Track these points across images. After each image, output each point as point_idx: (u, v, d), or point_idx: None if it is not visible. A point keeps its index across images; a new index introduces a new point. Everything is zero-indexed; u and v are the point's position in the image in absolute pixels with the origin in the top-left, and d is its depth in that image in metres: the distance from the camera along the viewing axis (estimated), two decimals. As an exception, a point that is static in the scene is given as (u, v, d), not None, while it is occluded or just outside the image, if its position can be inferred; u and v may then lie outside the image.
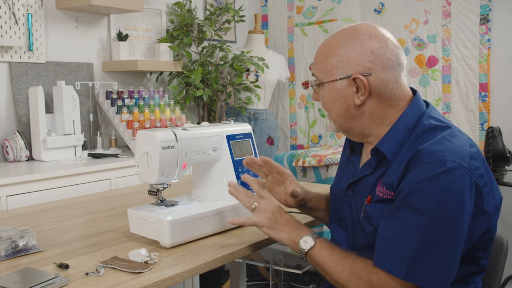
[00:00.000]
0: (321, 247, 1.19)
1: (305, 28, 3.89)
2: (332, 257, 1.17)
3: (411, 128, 1.18)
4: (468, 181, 1.06)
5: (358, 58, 1.18)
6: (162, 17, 3.29)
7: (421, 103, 1.23)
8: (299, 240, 1.22)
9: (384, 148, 1.20)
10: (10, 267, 1.17)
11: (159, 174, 1.33)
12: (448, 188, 1.04)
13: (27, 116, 2.53)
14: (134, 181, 2.43)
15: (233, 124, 1.59)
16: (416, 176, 1.08)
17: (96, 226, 1.52)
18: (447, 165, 1.05)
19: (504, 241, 1.34)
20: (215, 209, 1.41)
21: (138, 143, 1.37)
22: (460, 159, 1.06)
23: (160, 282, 1.09)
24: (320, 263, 1.18)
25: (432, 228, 1.04)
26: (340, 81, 1.20)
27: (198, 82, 3.14)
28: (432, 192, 1.04)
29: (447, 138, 1.12)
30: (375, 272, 1.10)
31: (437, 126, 1.17)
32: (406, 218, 1.07)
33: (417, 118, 1.19)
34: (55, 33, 2.73)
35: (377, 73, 1.18)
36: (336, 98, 1.21)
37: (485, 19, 3.16)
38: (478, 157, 1.11)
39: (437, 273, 1.05)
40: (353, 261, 1.14)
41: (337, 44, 1.21)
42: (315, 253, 1.19)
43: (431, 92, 3.38)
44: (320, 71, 1.23)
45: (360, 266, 1.13)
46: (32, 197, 2.06)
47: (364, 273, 1.11)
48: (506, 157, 2.87)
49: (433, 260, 1.04)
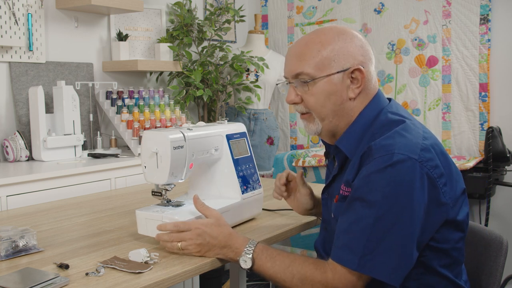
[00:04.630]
0: (261, 261, 1.19)
1: (305, 28, 3.89)
2: (276, 268, 1.17)
3: (369, 125, 1.21)
4: (419, 173, 1.06)
5: (353, 51, 1.21)
6: (162, 17, 3.29)
7: (381, 100, 1.25)
8: (239, 260, 1.21)
9: (343, 146, 1.22)
10: (10, 267, 1.17)
11: (169, 174, 1.33)
12: (396, 180, 1.06)
13: (27, 116, 2.53)
14: (134, 181, 2.43)
15: (229, 124, 1.59)
16: (366, 170, 1.10)
17: (96, 226, 1.52)
18: (395, 158, 1.06)
19: (504, 241, 1.33)
20: (221, 208, 1.41)
21: (145, 143, 1.36)
22: (409, 151, 1.08)
23: (160, 282, 1.09)
24: (267, 276, 1.19)
25: (381, 219, 1.06)
26: (337, 75, 1.20)
27: (198, 82, 3.14)
28: (380, 184, 1.06)
29: (400, 132, 1.13)
30: (330, 268, 1.10)
31: (393, 121, 1.18)
32: (357, 211, 1.09)
33: (375, 115, 1.21)
34: (55, 33, 2.73)
35: (367, 66, 1.22)
36: (332, 92, 1.21)
37: (485, 19, 3.16)
38: (433, 149, 1.12)
39: (388, 264, 1.06)
40: (301, 265, 1.14)
41: (328, 39, 1.21)
42: (258, 269, 1.20)
43: (431, 92, 3.38)
44: (313, 66, 1.20)
45: (310, 268, 1.13)
46: (32, 197, 2.06)
47: (316, 273, 1.11)
48: (506, 157, 2.87)
49: (384, 251, 1.05)
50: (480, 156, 3.16)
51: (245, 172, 1.53)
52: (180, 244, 1.23)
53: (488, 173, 2.84)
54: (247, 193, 1.51)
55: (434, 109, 3.37)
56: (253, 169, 1.57)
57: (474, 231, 1.40)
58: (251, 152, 1.59)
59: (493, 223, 3.09)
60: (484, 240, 1.37)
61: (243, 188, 1.50)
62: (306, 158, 3.23)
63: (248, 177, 1.54)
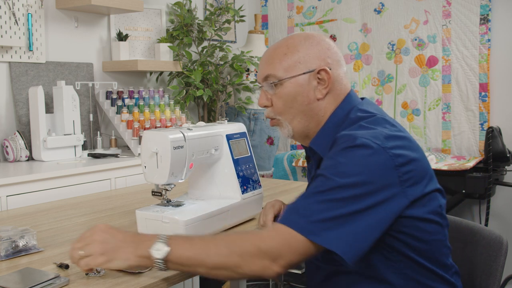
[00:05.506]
0: (177, 244, 1.05)
1: (305, 28, 3.89)
2: (196, 246, 1.05)
3: (340, 124, 1.23)
4: (382, 158, 1.06)
5: (319, 54, 1.24)
6: (162, 17, 3.29)
7: (353, 100, 1.27)
8: (150, 251, 1.04)
9: (317, 147, 1.25)
10: (10, 267, 1.17)
11: (170, 174, 1.33)
12: (355, 159, 1.07)
13: (27, 116, 2.53)
14: (134, 181, 2.43)
15: (229, 124, 1.59)
16: (330, 153, 1.13)
17: (96, 226, 1.52)
18: (358, 141, 1.08)
19: (504, 241, 1.33)
20: (222, 208, 1.42)
21: (145, 143, 1.36)
22: (372, 137, 1.09)
23: (160, 282, 1.09)
24: (185, 261, 1.04)
25: (333, 190, 1.05)
26: (303, 76, 1.23)
27: (198, 82, 3.14)
28: (339, 162, 1.08)
29: (364, 125, 1.16)
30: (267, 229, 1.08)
31: (361, 117, 1.20)
32: (315, 184, 1.09)
33: (346, 113, 1.24)
34: (55, 33, 2.73)
35: (334, 68, 1.25)
36: (298, 93, 1.24)
37: (485, 19, 3.16)
38: (398, 140, 1.12)
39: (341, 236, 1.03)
40: (225, 236, 1.11)
41: (294, 43, 1.25)
42: (175, 254, 1.04)
43: (431, 92, 3.38)
44: (279, 69, 1.24)
45: (238, 235, 1.08)
46: (32, 197, 2.06)
47: (247, 235, 1.07)
48: (506, 157, 2.87)
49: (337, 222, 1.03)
50: (480, 156, 3.16)
51: (245, 172, 1.53)
52: (82, 262, 1.06)
53: (488, 173, 2.84)
54: (247, 193, 1.51)
55: (434, 109, 3.37)
56: (253, 169, 1.57)
57: (474, 231, 1.40)
58: (251, 152, 1.60)
59: (493, 223, 3.09)
60: (484, 240, 1.37)
61: (243, 188, 1.50)
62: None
63: (248, 177, 1.54)
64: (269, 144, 3.57)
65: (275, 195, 1.92)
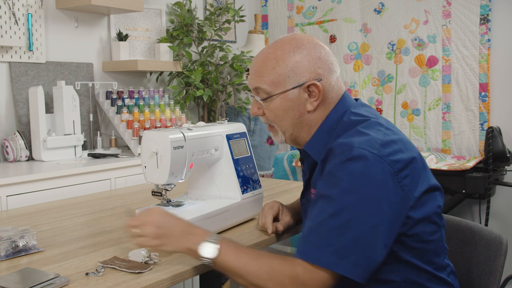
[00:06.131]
0: (225, 250, 1.12)
1: (305, 28, 3.89)
2: (241, 259, 1.11)
3: (333, 127, 1.22)
4: (380, 168, 1.06)
5: (309, 65, 1.21)
6: (162, 17, 3.29)
7: (347, 102, 1.26)
8: (198, 249, 1.13)
9: (310, 150, 1.24)
10: (10, 267, 1.17)
11: (170, 174, 1.33)
12: (355, 174, 1.06)
13: (27, 116, 2.54)
14: (134, 181, 2.43)
15: (229, 124, 1.59)
16: (328, 167, 1.11)
17: (96, 226, 1.52)
18: (354, 152, 1.07)
19: (504, 241, 1.33)
20: (222, 208, 1.42)
21: (145, 143, 1.36)
22: (368, 146, 1.08)
23: (160, 282, 1.10)
24: (229, 268, 1.12)
25: (341, 213, 1.05)
26: (293, 90, 1.21)
27: (198, 82, 3.14)
28: (339, 178, 1.06)
29: (360, 130, 1.14)
30: (299, 262, 1.08)
31: (355, 121, 1.19)
32: (319, 207, 1.09)
33: (339, 117, 1.23)
34: (55, 33, 2.73)
35: (326, 77, 1.22)
36: (289, 107, 1.23)
37: (485, 19, 3.16)
38: (394, 144, 1.11)
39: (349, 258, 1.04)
40: (267, 258, 1.11)
41: (283, 54, 1.22)
42: (221, 260, 1.12)
43: (431, 92, 3.38)
44: (268, 83, 1.22)
45: (279, 261, 1.10)
46: (32, 197, 2.06)
47: (284, 266, 1.08)
48: (506, 157, 2.87)
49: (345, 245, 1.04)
50: (480, 156, 3.16)
51: (245, 172, 1.53)
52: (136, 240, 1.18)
53: (488, 173, 2.84)
54: (247, 193, 1.51)
55: (434, 109, 3.37)
56: (253, 169, 1.58)
57: (474, 231, 1.40)
58: (251, 152, 1.60)
59: (493, 223, 3.09)
60: (484, 240, 1.37)
61: (243, 188, 1.50)
62: (306, 158, 3.23)
63: (248, 177, 1.54)
64: (269, 144, 3.56)
65: (275, 195, 1.92)
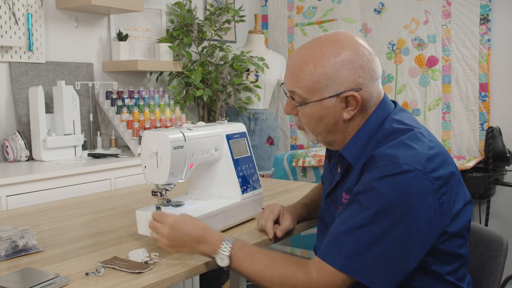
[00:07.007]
0: (239, 260, 1.15)
1: (305, 28, 3.89)
2: (255, 267, 1.13)
3: (373, 133, 1.19)
4: (423, 184, 1.05)
5: (349, 75, 1.15)
6: (162, 17, 3.29)
7: (387, 106, 1.22)
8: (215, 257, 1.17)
9: (347, 154, 1.21)
10: (10, 267, 1.17)
11: (170, 174, 1.33)
12: (399, 189, 1.04)
13: (27, 116, 2.53)
14: (134, 181, 2.43)
15: (229, 124, 1.59)
16: (369, 177, 1.08)
17: (96, 226, 1.52)
18: (401, 167, 1.05)
19: (504, 241, 1.34)
20: (222, 208, 1.42)
21: (145, 143, 1.36)
22: (414, 162, 1.06)
23: (160, 282, 1.10)
24: (245, 275, 1.15)
25: (377, 224, 1.04)
26: (330, 99, 1.17)
27: (198, 82, 3.14)
28: (381, 191, 1.05)
29: (404, 142, 1.12)
30: (314, 267, 1.08)
31: (398, 130, 1.16)
32: (353, 213, 1.08)
33: (380, 122, 1.19)
34: (55, 33, 2.73)
35: (366, 86, 1.17)
36: (324, 115, 1.19)
37: (485, 19, 3.16)
38: (436, 158, 1.10)
39: (376, 269, 1.03)
40: (281, 265, 1.11)
41: (323, 60, 1.16)
42: (236, 268, 1.15)
43: (431, 92, 3.38)
44: (304, 89, 1.18)
45: (292, 268, 1.10)
46: (32, 197, 2.06)
47: (299, 273, 1.09)
48: (506, 157, 2.87)
49: (374, 255, 1.03)
50: (480, 156, 3.16)
51: (245, 172, 1.53)
52: (154, 235, 1.23)
53: (488, 173, 2.84)
54: (247, 193, 1.51)
55: (434, 109, 3.37)
56: (253, 169, 1.58)
57: (474, 231, 1.40)
58: (251, 152, 1.60)
59: (493, 223, 3.09)
60: (484, 240, 1.37)
61: (243, 188, 1.50)
62: (306, 158, 3.23)
63: (248, 177, 1.54)
64: (269, 144, 3.56)
65: (275, 195, 1.92)
